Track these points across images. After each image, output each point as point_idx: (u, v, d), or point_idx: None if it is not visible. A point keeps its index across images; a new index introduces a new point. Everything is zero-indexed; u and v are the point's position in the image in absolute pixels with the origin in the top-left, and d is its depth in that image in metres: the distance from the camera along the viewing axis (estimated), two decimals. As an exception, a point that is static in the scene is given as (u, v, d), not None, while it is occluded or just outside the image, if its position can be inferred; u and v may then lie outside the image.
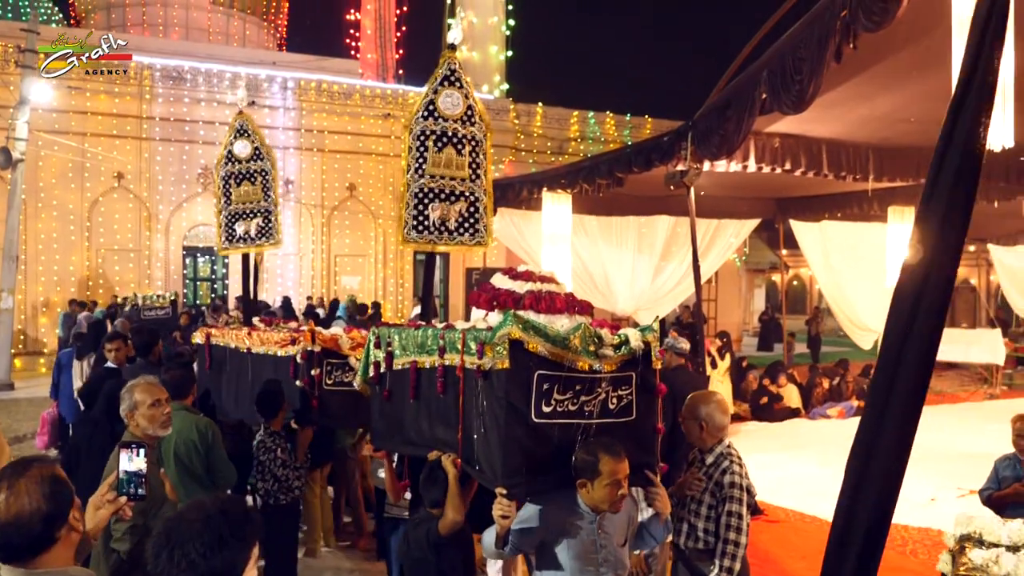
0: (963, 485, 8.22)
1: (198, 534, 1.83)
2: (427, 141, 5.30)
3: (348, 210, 23.44)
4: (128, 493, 2.57)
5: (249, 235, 7.58)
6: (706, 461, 4.11)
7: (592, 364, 3.28)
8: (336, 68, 24.40)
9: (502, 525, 3.13)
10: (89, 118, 20.54)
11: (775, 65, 6.78)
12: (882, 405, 2.28)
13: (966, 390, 16.48)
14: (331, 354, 5.64)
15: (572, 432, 3.27)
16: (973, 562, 3.28)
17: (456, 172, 5.35)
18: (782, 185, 12.20)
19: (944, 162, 2.25)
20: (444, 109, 5.30)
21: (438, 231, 5.43)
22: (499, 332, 3.13)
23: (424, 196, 5.35)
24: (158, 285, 21.12)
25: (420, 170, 5.30)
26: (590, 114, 26.46)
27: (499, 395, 3.15)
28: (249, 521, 1.94)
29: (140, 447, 2.62)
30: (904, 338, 2.26)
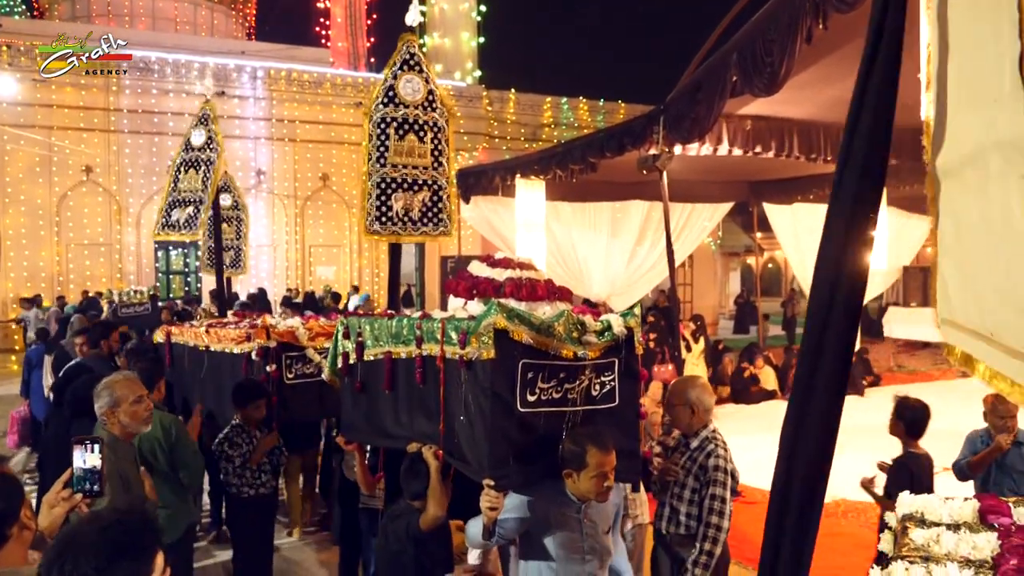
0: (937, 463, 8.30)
1: (92, 546, 1.70)
2: (388, 128, 5.20)
3: (322, 200, 23.29)
4: (83, 490, 2.53)
5: (179, 222, 7.57)
6: (691, 445, 4.11)
7: (576, 351, 3.26)
8: (306, 57, 24.19)
9: (489, 516, 3.09)
10: (56, 111, 20.24)
11: (745, 47, 6.76)
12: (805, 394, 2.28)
13: (939, 368, 16.66)
14: (289, 347, 5.56)
15: (557, 420, 3.25)
16: (915, 542, 3.28)
17: (418, 160, 5.26)
18: (755, 168, 12.23)
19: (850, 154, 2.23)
20: (404, 95, 5.20)
21: (402, 222, 5.32)
22: (484, 321, 3.08)
23: (387, 186, 5.24)
24: (131, 279, 20.89)
25: (382, 159, 5.21)
26: (563, 100, 26.43)
27: (484, 385, 3.11)
28: (148, 531, 1.82)
29: (94, 443, 2.57)
30: (823, 325, 2.26)
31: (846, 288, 2.23)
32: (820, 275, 2.33)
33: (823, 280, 2.30)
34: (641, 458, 3.63)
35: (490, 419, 3.09)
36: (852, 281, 2.23)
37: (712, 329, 22.08)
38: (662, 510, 4.15)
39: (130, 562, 1.73)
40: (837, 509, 7.35)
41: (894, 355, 17.20)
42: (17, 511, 2.15)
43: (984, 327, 1.25)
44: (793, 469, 2.30)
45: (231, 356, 5.85)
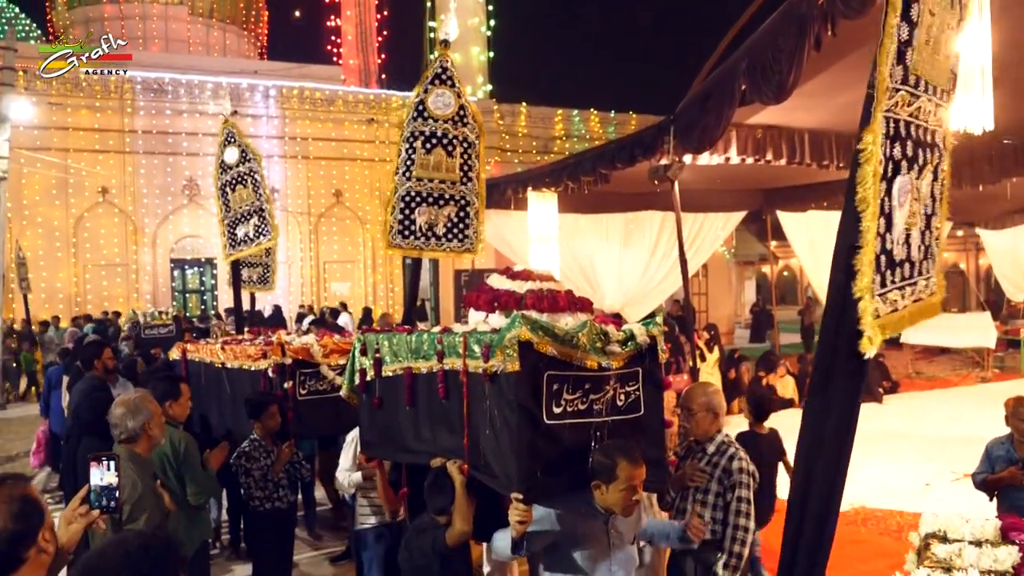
0: (957, 469, 8.23)
1: (117, 571, 1.72)
2: (415, 142, 5.12)
3: (335, 216, 23.39)
4: (101, 506, 2.54)
5: (248, 236, 7.64)
6: (707, 450, 4.12)
7: (600, 362, 3.25)
8: (318, 75, 24.34)
9: (518, 530, 3.07)
10: (71, 134, 20.45)
11: (754, 56, 6.77)
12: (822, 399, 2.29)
13: (958, 374, 16.52)
14: (304, 364, 5.59)
15: (583, 432, 3.23)
16: (937, 556, 3.31)
17: (446, 175, 5.18)
18: (767, 176, 12.21)
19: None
20: (435, 109, 5.14)
21: (425, 236, 5.25)
22: (508, 334, 3.06)
23: (411, 200, 5.17)
24: (147, 299, 21.03)
25: (408, 173, 5.13)
26: (574, 112, 26.47)
27: (509, 398, 3.09)
28: (171, 556, 1.83)
29: (110, 459, 2.59)
30: (836, 332, 2.27)
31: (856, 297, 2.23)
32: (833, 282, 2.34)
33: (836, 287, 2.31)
34: (667, 467, 3.61)
35: (517, 432, 3.06)
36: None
37: (728, 338, 22.00)
38: (683, 518, 4.14)
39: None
40: (856, 517, 7.29)
41: (912, 361, 17.07)
42: (35, 534, 2.14)
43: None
44: (811, 475, 2.31)
45: (248, 373, 5.87)
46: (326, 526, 7.76)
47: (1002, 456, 5.04)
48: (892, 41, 2.13)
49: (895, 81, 2.20)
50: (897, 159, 2.17)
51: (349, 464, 5.06)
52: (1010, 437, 5.08)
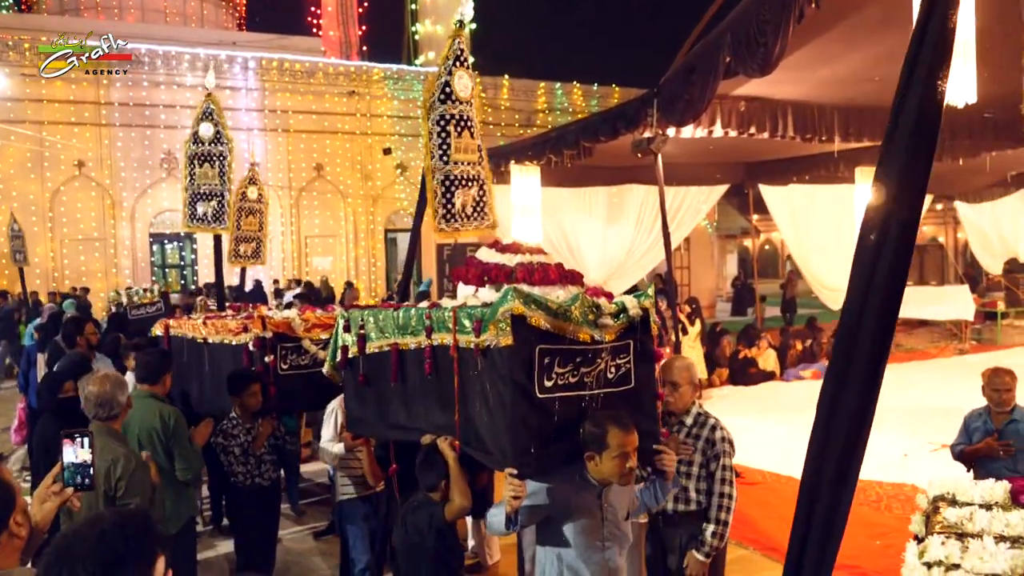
0: (935, 440, 8.33)
1: (91, 551, 1.67)
2: (448, 126, 5.03)
3: (316, 191, 23.22)
4: (75, 484, 2.52)
5: (207, 217, 7.64)
6: (685, 423, 4.14)
7: (593, 334, 3.23)
8: (298, 46, 24.03)
9: (512, 505, 3.05)
10: (46, 106, 20.13)
11: (738, 28, 6.74)
12: (846, 359, 2.29)
13: (936, 346, 16.70)
14: (284, 338, 5.56)
15: (574, 405, 3.21)
16: (948, 520, 3.32)
17: (471, 156, 5.16)
18: (750, 150, 12.21)
19: (901, 116, 2.23)
20: (460, 92, 5.05)
21: (462, 218, 5.24)
22: (501, 308, 3.03)
23: (451, 184, 5.11)
24: (126, 274, 20.85)
25: (445, 156, 5.05)
26: (557, 85, 26.33)
27: (502, 373, 3.06)
28: (149, 535, 1.78)
29: (84, 436, 2.56)
30: (867, 290, 2.26)
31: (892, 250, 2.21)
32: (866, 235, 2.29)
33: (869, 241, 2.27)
34: (660, 440, 3.59)
35: (510, 407, 3.05)
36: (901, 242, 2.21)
37: (710, 312, 22.09)
38: None
39: (128, 568, 1.69)
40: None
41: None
42: (5, 519, 2.10)
43: None
44: (827, 449, 2.31)
45: (230, 347, 5.84)
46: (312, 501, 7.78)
47: (979, 427, 5.10)
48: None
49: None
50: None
51: (331, 435, 5.05)
52: (987, 408, 5.15)
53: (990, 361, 5.88)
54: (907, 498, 7.07)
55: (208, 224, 7.73)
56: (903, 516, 6.64)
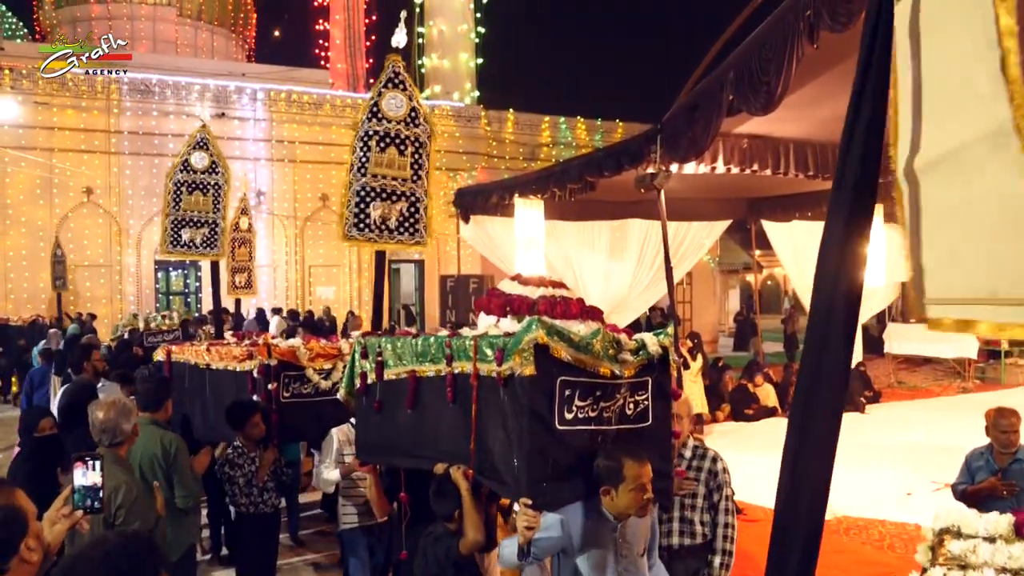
0: (938, 479, 8.29)
1: (96, 571, 1.71)
2: (370, 141, 5.36)
3: (321, 220, 23.33)
4: (84, 507, 2.54)
5: (194, 243, 7.70)
6: (684, 455, 4.15)
7: (613, 369, 3.23)
8: (306, 78, 24.31)
9: (526, 536, 3.05)
10: (56, 133, 20.33)
11: (742, 66, 6.81)
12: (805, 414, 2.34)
13: (940, 384, 16.64)
14: (288, 366, 5.58)
15: (592, 439, 3.20)
16: (951, 552, 3.33)
17: (398, 172, 5.41)
18: (752, 186, 12.28)
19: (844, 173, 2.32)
20: (387, 111, 5.36)
21: (379, 229, 5.48)
22: (526, 337, 3.03)
23: (366, 195, 5.40)
24: (130, 300, 20.92)
25: (363, 169, 5.35)
26: (561, 119, 26.53)
27: (522, 403, 3.06)
28: (153, 556, 1.82)
29: (95, 459, 2.58)
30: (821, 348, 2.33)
31: (843, 304, 2.27)
32: (818, 293, 2.37)
33: (821, 297, 2.35)
34: (672, 479, 3.59)
35: (528, 437, 3.04)
36: (849, 297, 2.28)
37: (712, 347, 22.07)
38: (670, 526, 4.15)
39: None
40: (839, 526, 7.33)
41: (894, 371, 17.18)
42: (16, 544, 2.11)
43: (985, 289, 1.48)
44: (798, 487, 2.33)
45: (233, 374, 5.86)
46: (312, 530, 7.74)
47: (982, 467, 5.07)
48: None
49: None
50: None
51: (329, 461, 5.05)
52: (990, 448, 5.12)
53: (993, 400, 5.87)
54: (910, 537, 7.02)
55: (196, 250, 7.80)
56: (905, 555, 6.60)
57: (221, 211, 7.74)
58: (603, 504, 3.17)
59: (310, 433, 5.95)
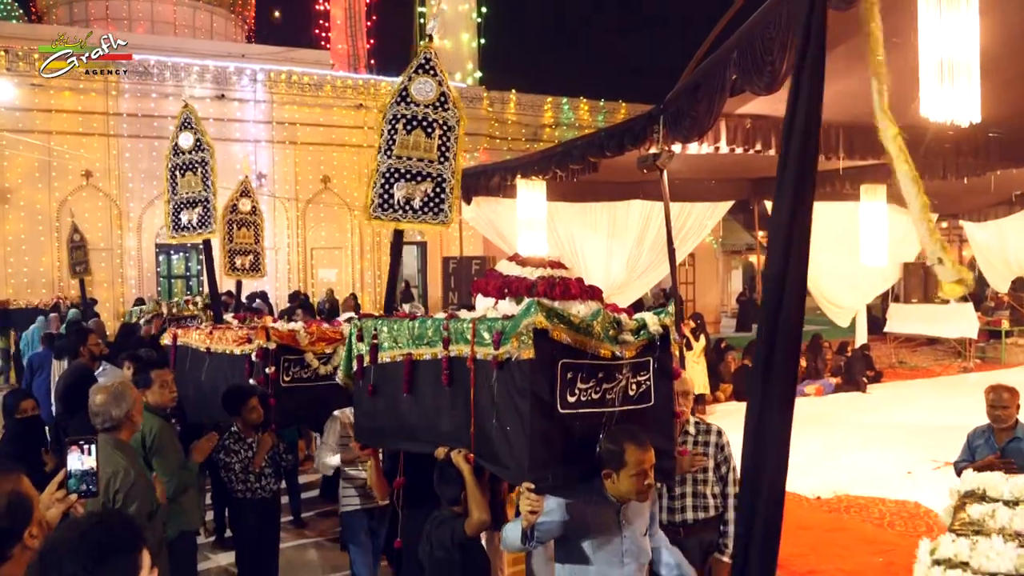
0: (939, 458, 8.32)
1: (75, 550, 1.74)
2: (397, 124, 5.40)
3: (323, 202, 23.29)
4: (79, 491, 2.54)
5: (192, 224, 7.69)
6: (690, 432, 4.21)
7: (614, 350, 3.20)
8: (306, 59, 24.16)
9: (529, 520, 3.04)
10: (55, 116, 20.24)
11: (745, 45, 6.77)
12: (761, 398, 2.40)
13: (941, 364, 16.68)
14: (288, 350, 5.56)
15: (595, 421, 3.19)
16: (971, 516, 3.36)
17: (424, 154, 5.45)
18: (755, 166, 12.23)
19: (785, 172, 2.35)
20: (416, 95, 5.40)
21: (403, 209, 5.50)
22: (524, 320, 3.01)
23: (391, 175, 5.44)
24: (131, 284, 20.91)
25: (389, 151, 5.41)
26: (564, 100, 26.41)
27: (522, 386, 3.04)
28: (128, 530, 1.85)
29: (90, 443, 2.58)
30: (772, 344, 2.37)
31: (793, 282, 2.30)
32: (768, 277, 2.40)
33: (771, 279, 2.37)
34: (675, 458, 3.58)
35: (530, 421, 3.02)
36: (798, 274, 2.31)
37: (714, 327, 22.07)
38: (683, 502, 4.18)
39: (115, 559, 1.76)
40: (839, 504, 7.37)
41: (895, 351, 17.21)
42: (21, 531, 2.13)
43: None
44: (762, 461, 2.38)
45: (231, 357, 5.85)
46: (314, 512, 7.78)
47: (982, 445, 5.12)
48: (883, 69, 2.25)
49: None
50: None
51: (332, 443, 5.05)
52: (990, 427, 5.16)
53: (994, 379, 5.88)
54: (910, 515, 7.06)
55: (193, 231, 7.79)
56: (906, 533, 6.64)
57: (211, 188, 7.68)
58: (605, 487, 3.17)
59: (309, 418, 5.94)
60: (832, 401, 12.75)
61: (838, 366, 14.42)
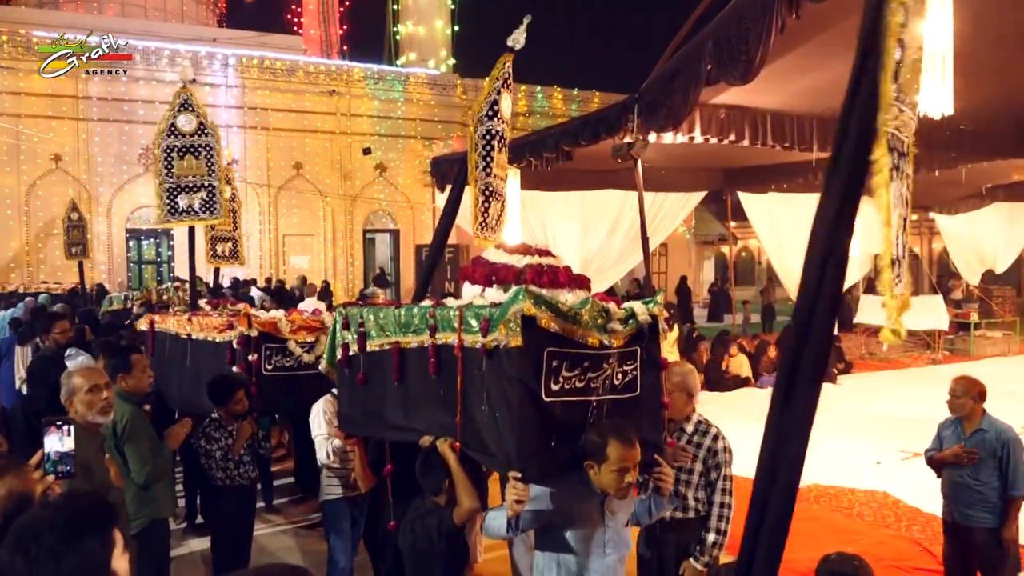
0: (907, 448, 8.42)
1: (50, 525, 1.75)
2: (492, 141, 5.20)
3: (295, 189, 23.11)
4: (57, 472, 2.51)
5: (192, 208, 7.49)
6: (686, 430, 4.12)
7: (602, 339, 3.16)
8: (278, 44, 23.92)
9: (515, 509, 3.00)
10: (23, 99, 19.90)
11: (720, 36, 6.78)
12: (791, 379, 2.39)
13: (910, 356, 16.87)
14: (270, 338, 5.52)
15: (580, 410, 3.15)
16: None
17: (503, 172, 5.34)
18: (729, 156, 12.29)
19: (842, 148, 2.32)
20: (504, 111, 5.23)
21: (491, 228, 5.33)
22: (512, 308, 2.96)
23: (489, 195, 5.26)
24: (101, 269, 20.63)
25: (487, 169, 5.20)
26: (537, 88, 26.37)
27: (510, 374, 2.99)
28: (99, 505, 1.87)
29: (67, 424, 2.55)
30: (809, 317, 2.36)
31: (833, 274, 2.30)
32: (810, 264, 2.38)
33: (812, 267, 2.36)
34: (664, 450, 3.52)
35: (517, 409, 2.98)
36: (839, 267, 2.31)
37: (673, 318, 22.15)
38: None
39: (88, 535, 1.77)
40: (810, 494, 7.43)
41: (865, 343, 17.39)
42: None
43: None
44: (780, 453, 2.37)
45: (213, 344, 5.79)
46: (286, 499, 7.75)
47: (949, 435, 5.18)
48: (892, 61, 2.19)
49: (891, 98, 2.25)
50: (891, 168, 2.24)
51: (326, 432, 4.99)
52: (959, 419, 5.21)
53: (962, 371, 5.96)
54: (879, 505, 7.15)
55: (196, 216, 7.60)
56: (874, 523, 6.72)
57: (216, 173, 7.54)
58: (588, 477, 3.15)
59: (292, 406, 5.89)
60: (802, 391, 12.84)
61: (808, 356, 14.51)
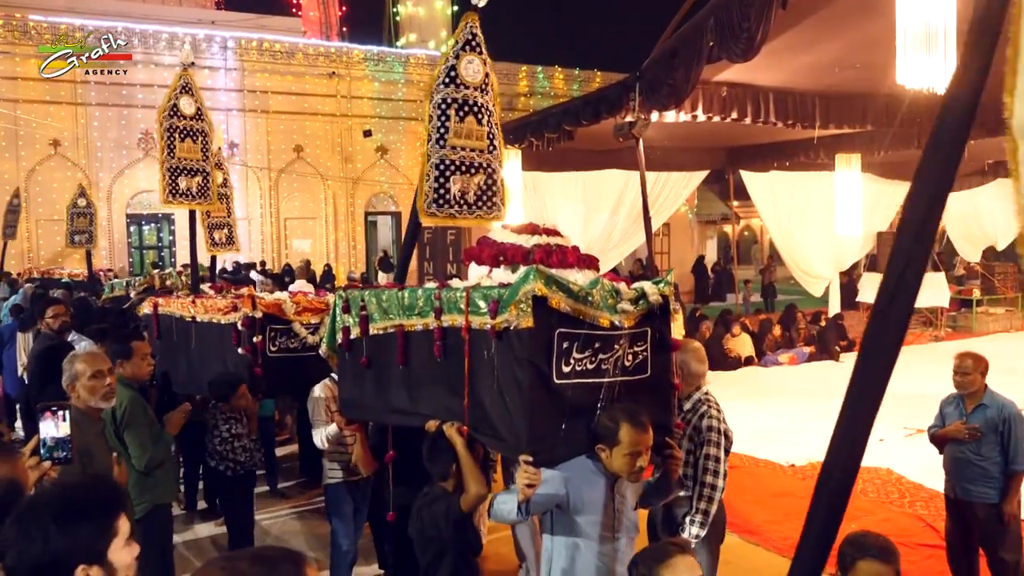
0: (910, 425, 8.43)
1: (50, 506, 1.75)
2: (448, 110, 4.88)
3: (296, 172, 23.05)
4: (53, 458, 2.50)
5: (191, 192, 7.49)
6: (683, 407, 4.11)
7: (613, 320, 3.11)
8: (277, 26, 23.80)
9: (526, 493, 2.96)
10: (21, 84, 19.82)
11: (722, 13, 6.73)
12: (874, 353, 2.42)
13: (912, 333, 16.83)
14: (274, 320, 5.51)
15: (591, 392, 3.10)
16: None
17: (476, 143, 4.98)
18: (731, 135, 12.24)
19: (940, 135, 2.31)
20: (466, 76, 4.92)
21: (458, 204, 5.02)
22: (523, 288, 2.90)
23: (445, 168, 4.93)
24: (103, 255, 20.61)
25: (442, 140, 4.88)
26: (539, 69, 26.25)
27: (520, 356, 2.93)
28: (110, 491, 1.86)
29: (63, 409, 2.54)
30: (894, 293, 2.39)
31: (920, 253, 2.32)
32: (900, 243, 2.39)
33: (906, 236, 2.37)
34: (674, 432, 3.48)
35: (527, 392, 2.93)
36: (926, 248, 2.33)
37: (688, 297, 22.18)
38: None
39: (84, 522, 1.75)
40: (813, 472, 7.43)
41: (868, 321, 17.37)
42: None
43: None
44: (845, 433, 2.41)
45: (218, 326, 5.78)
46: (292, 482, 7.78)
47: (951, 411, 5.19)
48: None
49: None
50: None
51: (324, 417, 5.00)
52: (960, 394, 5.22)
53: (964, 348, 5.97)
54: (882, 482, 7.16)
55: (192, 199, 7.60)
56: (878, 500, 6.74)
57: (209, 160, 7.54)
58: (600, 460, 3.12)
59: (296, 388, 5.88)
60: (805, 370, 12.85)
61: (811, 335, 14.53)
